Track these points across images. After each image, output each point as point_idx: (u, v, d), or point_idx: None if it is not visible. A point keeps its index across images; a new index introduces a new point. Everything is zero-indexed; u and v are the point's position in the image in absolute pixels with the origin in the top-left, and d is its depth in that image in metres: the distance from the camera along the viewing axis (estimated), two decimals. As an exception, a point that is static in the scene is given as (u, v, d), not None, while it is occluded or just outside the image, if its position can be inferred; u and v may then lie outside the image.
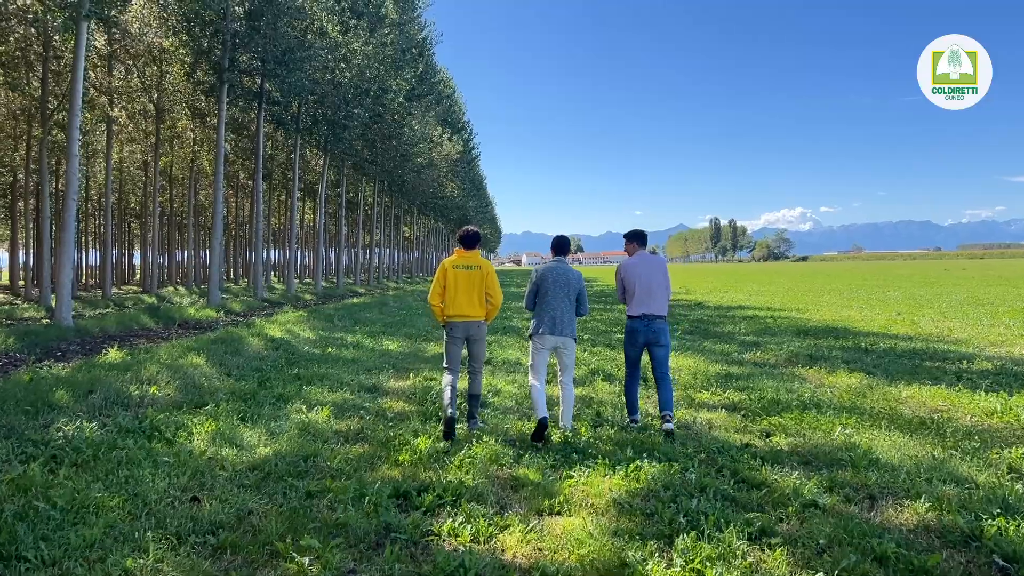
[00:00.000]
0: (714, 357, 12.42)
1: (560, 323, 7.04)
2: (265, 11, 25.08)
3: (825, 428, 7.20)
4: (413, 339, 15.56)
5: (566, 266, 7.27)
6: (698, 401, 8.74)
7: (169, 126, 37.66)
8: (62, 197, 47.56)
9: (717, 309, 24.15)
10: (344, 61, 32.31)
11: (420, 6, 46.36)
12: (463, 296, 7.14)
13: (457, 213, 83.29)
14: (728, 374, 10.59)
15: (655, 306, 7.42)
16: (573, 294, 7.15)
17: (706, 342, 14.65)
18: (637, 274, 7.44)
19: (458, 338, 7.25)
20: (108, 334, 16.80)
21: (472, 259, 7.24)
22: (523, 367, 11.33)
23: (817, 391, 9.22)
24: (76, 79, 16.34)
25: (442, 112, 58.93)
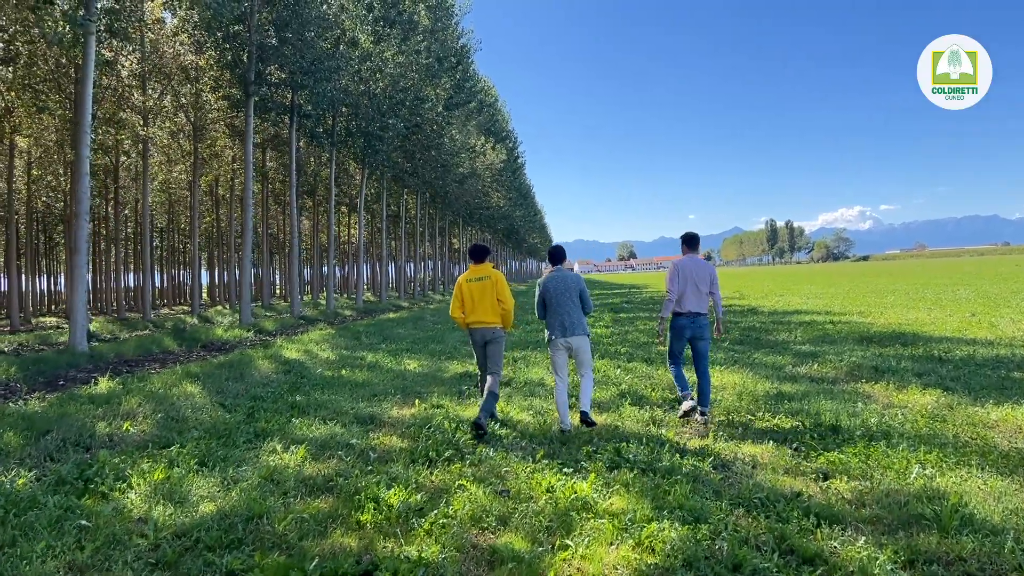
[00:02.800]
0: (764, 372, 11.00)
1: (570, 325, 7.68)
2: (291, 21, 24.44)
3: (898, 467, 5.82)
4: (436, 357, 14.46)
5: (564, 272, 7.89)
6: (742, 429, 7.40)
7: (208, 145, 37.50)
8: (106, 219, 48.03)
9: (771, 315, 22.52)
10: (377, 71, 31.61)
11: (457, 13, 45.63)
12: (479, 305, 7.94)
13: (504, 223, 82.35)
14: (779, 393, 9.20)
15: (701, 305, 8.06)
16: (576, 296, 7.77)
17: (756, 353, 13.21)
18: (689, 273, 8.07)
19: (478, 343, 8.07)
20: (124, 359, 16.10)
21: (483, 271, 8.01)
22: (546, 388, 10.14)
23: (885, 414, 7.79)
24: (84, 96, 15.72)
25: (484, 121, 58.14)
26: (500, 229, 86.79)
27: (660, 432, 7.25)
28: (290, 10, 24.31)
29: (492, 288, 7.88)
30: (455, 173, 46.67)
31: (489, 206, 65.65)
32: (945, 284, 39.36)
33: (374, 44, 30.94)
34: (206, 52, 25.61)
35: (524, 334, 18.88)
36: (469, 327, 8.04)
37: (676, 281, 8.08)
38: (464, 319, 8.02)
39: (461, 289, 8.01)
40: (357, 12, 28.98)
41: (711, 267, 8.27)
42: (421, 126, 37.99)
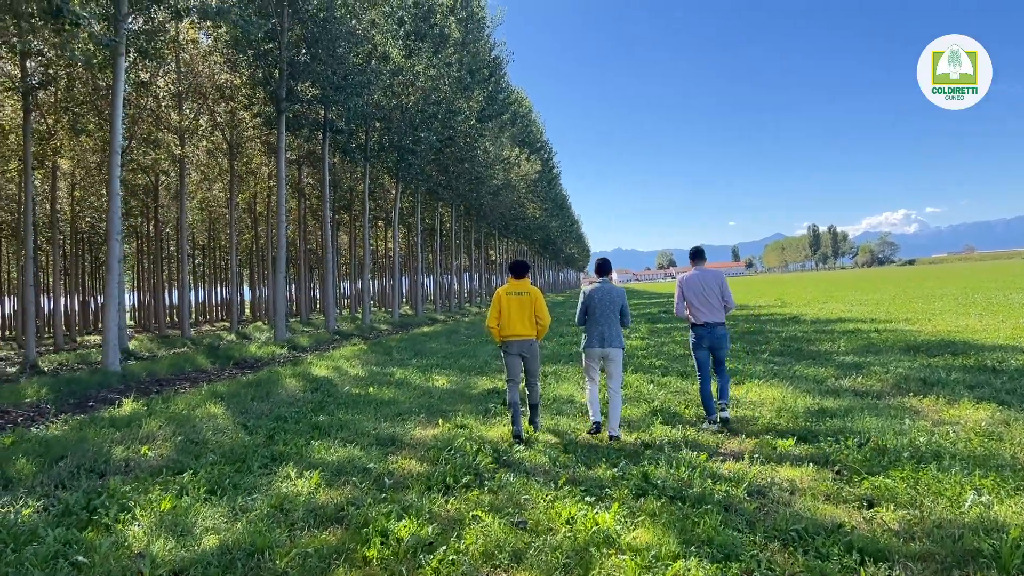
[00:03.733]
0: (805, 386, 10.50)
1: (608, 337, 7.99)
2: (321, 37, 24.51)
3: (950, 493, 5.36)
4: (466, 373, 14.17)
5: (610, 285, 8.19)
6: (780, 451, 6.96)
7: (244, 163, 37.87)
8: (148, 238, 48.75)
9: (814, 324, 21.84)
10: (409, 85, 31.62)
11: (489, 25, 45.62)
12: (516, 319, 8.12)
13: (540, 234, 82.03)
14: (821, 409, 8.72)
15: (715, 315, 8.40)
16: (617, 309, 8.07)
17: (797, 365, 12.68)
18: (695, 286, 8.44)
19: (514, 355, 8.17)
20: (156, 378, 16.11)
21: (522, 286, 8.23)
22: (575, 405, 9.80)
23: (935, 431, 7.29)
24: (115, 117, 15.83)
25: (518, 132, 58.00)
26: (536, 240, 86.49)
27: (692, 454, 6.84)
28: (320, 27, 24.38)
29: (531, 304, 8.16)
30: (489, 185, 46.51)
31: (525, 217, 65.39)
32: (996, 288, 38.05)
33: (405, 58, 30.95)
34: (240, 71, 25.79)
35: (558, 346, 18.54)
36: (505, 339, 8.21)
37: (681, 299, 8.61)
38: (499, 331, 8.23)
39: (500, 301, 8.21)
40: (388, 27, 29.05)
41: (720, 275, 8.55)
42: (454, 139, 37.91)
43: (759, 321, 24.14)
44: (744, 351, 15.35)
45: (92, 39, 14.25)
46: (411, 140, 32.53)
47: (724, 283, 8.48)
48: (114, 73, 15.87)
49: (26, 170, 22.13)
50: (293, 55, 24.46)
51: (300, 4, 23.62)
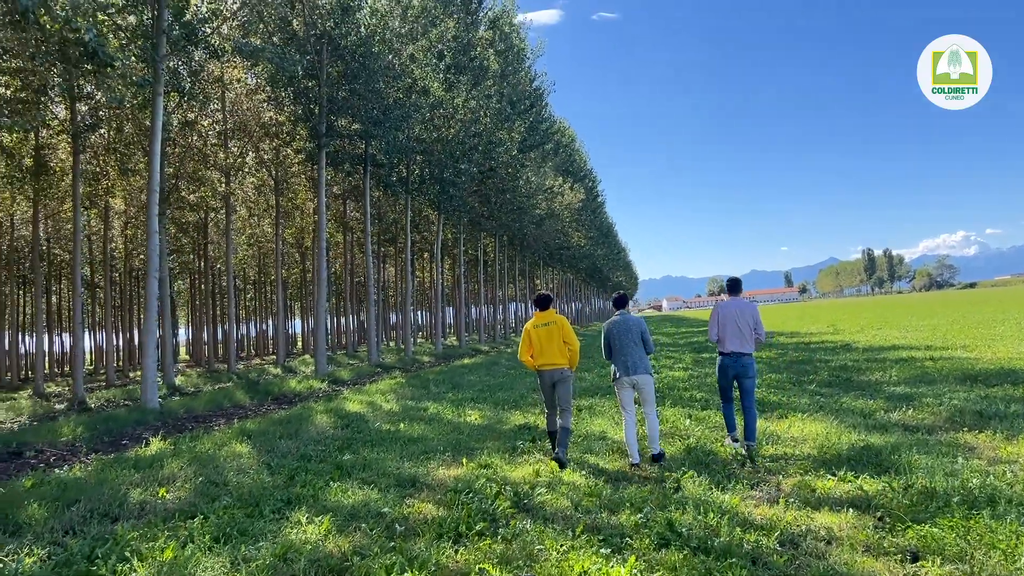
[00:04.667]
0: (851, 420, 9.94)
1: (632, 365, 8.26)
2: (360, 73, 24.77)
3: (1004, 545, 4.86)
4: (500, 407, 13.85)
5: (628, 316, 8.56)
6: (819, 494, 6.49)
7: (290, 198, 38.44)
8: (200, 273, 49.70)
9: (866, 352, 21.01)
10: (449, 117, 31.79)
11: (529, 57, 45.85)
12: (547, 349, 8.51)
13: (586, 262, 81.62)
14: (866, 446, 8.19)
15: (743, 344, 8.55)
16: (638, 338, 8.35)
17: (845, 397, 12.08)
18: (729, 316, 8.62)
19: (546, 383, 8.60)
20: (193, 415, 16.15)
21: (548, 317, 8.63)
22: (606, 442, 9.41)
23: (991, 472, 6.73)
24: (152, 156, 16.09)
25: (561, 162, 57.97)
26: (582, 268, 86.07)
27: (723, 498, 6.42)
28: (359, 63, 24.65)
29: (558, 332, 8.49)
30: (532, 215, 46.43)
31: (569, 246, 65.13)
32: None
33: (445, 91, 31.14)
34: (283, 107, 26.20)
35: (597, 378, 18.11)
36: (539, 369, 8.59)
37: (715, 325, 8.76)
38: (533, 362, 8.62)
39: (529, 335, 8.66)
40: (427, 61, 29.29)
41: (753, 307, 8.82)
42: (495, 170, 37.98)
43: (809, 349, 23.36)
44: (790, 382, 14.75)
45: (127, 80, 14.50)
46: (452, 172, 32.63)
47: (757, 316, 8.69)
48: (152, 113, 16.16)
49: (75, 210, 22.65)
50: (333, 91, 24.76)
51: (339, 41, 23.92)
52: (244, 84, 29.29)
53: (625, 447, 8.35)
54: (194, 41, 16.76)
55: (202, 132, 29.02)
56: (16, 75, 18.52)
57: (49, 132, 23.79)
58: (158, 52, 15.80)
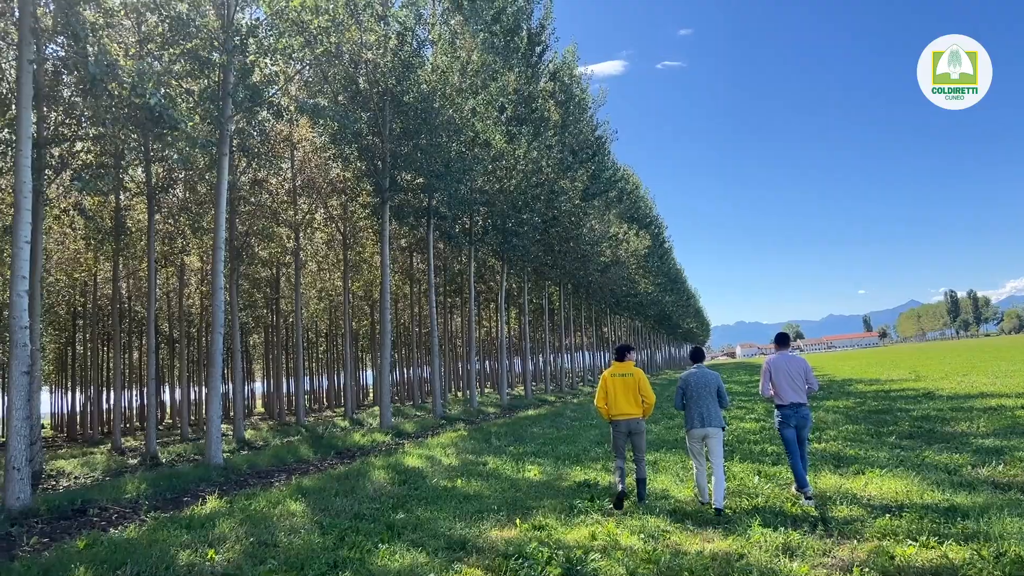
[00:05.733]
0: (935, 476, 9.24)
1: (707, 417, 8.57)
2: (421, 129, 25.13)
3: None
4: (561, 462, 13.45)
5: (705, 369, 8.90)
6: (898, 561, 5.92)
7: (357, 252, 39.09)
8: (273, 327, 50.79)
9: (951, 400, 19.83)
10: (510, 168, 31.98)
11: (591, 106, 46.08)
12: (622, 399, 8.85)
13: (654, 309, 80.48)
14: (951, 507, 7.53)
15: (800, 395, 8.81)
16: (714, 391, 8.70)
17: (928, 450, 11.29)
18: (781, 369, 8.93)
19: (622, 432, 8.89)
20: (256, 471, 16.17)
21: (626, 368, 9.04)
22: (669, 500, 8.95)
23: (1096, 538, 6.06)
24: (218, 214, 16.50)
25: (625, 209, 57.72)
26: (651, 316, 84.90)
27: (792, 566, 5.93)
28: (420, 118, 25.03)
29: (635, 384, 8.89)
30: (597, 262, 46.09)
31: (636, 293, 64.35)
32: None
33: (507, 143, 31.37)
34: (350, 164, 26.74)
35: (664, 430, 17.54)
36: (612, 418, 8.94)
37: (767, 381, 9.05)
38: (608, 410, 8.97)
39: (606, 383, 9.01)
40: (488, 113, 29.59)
41: (803, 361, 9.07)
42: (558, 218, 37.91)
43: (888, 398, 22.23)
44: (868, 434, 13.95)
45: (192, 141, 14.95)
46: (514, 222, 32.68)
47: (807, 368, 8.98)
48: (218, 173, 16.59)
49: (150, 269, 23.43)
50: (396, 146, 25.17)
51: (401, 98, 24.37)
52: (312, 142, 30.10)
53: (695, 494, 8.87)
54: (259, 102, 17.21)
55: (271, 190, 29.85)
56: (97, 141, 19.36)
57: (127, 194, 24.77)
58: (223, 114, 16.30)
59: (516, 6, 34.15)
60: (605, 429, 18.63)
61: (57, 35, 14.75)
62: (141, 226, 28.05)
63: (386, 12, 23.86)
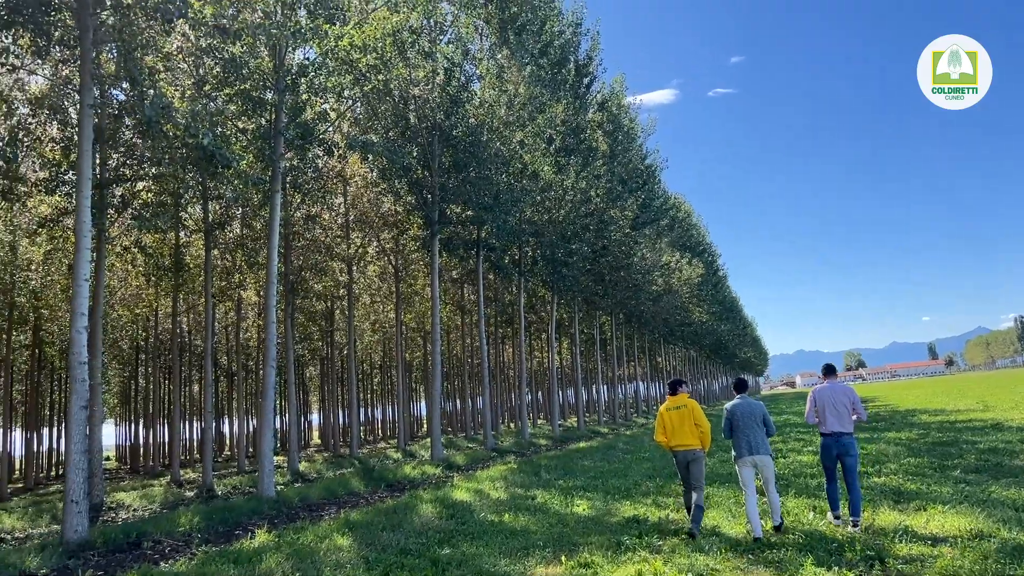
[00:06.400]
0: (1002, 513, 8.79)
1: (755, 445, 8.83)
2: (470, 162, 25.39)
3: None
4: (610, 496, 13.21)
5: (749, 400, 9.19)
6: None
7: (409, 283, 39.50)
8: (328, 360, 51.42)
9: (1020, 431, 18.98)
10: (559, 199, 32.04)
11: (640, 136, 46.04)
12: (679, 431, 9.24)
13: (710, 339, 79.32)
14: (1019, 546, 7.14)
15: (843, 425, 9.01)
16: (760, 420, 8.97)
17: (995, 486, 10.78)
18: (826, 398, 9.13)
19: (681, 463, 9.40)
20: (308, 503, 16.26)
21: (680, 401, 9.41)
22: (720, 538, 8.70)
23: None
24: (271, 249, 16.83)
25: (677, 237, 57.26)
26: (706, 345, 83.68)
27: (846, 609, 5.67)
28: (469, 152, 25.30)
29: (689, 415, 9.21)
30: (648, 291, 45.71)
31: (691, 322, 63.54)
32: None
33: (555, 174, 31.47)
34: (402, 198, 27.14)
35: (717, 464, 17.11)
36: (672, 449, 9.40)
37: (812, 410, 9.33)
38: (667, 442, 9.38)
39: (663, 417, 9.46)
40: (536, 145, 29.76)
41: (850, 390, 9.27)
42: (608, 248, 37.77)
43: (954, 429, 21.39)
44: (931, 467, 13.41)
45: (245, 179, 15.33)
46: (564, 252, 32.66)
47: (855, 397, 9.15)
48: (270, 208, 16.96)
49: (207, 304, 23.97)
50: (445, 180, 25.47)
51: (449, 132, 24.70)
52: (364, 177, 30.67)
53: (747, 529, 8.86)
54: (309, 140, 17.60)
55: (325, 225, 30.44)
56: (156, 180, 20.03)
57: (185, 231, 25.51)
58: (275, 152, 16.70)
59: (563, 39, 34.43)
60: (658, 463, 18.33)
61: (119, 81, 15.40)
62: (199, 262, 28.79)
63: (433, 49, 24.28)
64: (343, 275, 31.77)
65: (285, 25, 15.90)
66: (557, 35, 33.69)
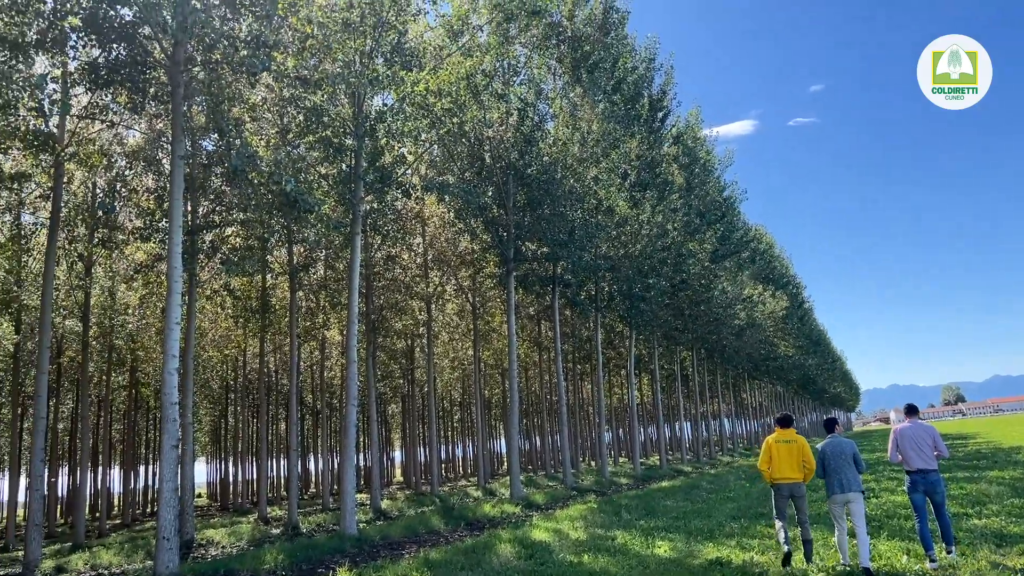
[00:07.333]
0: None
1: (846, 483, 9.11)
2: (544, 199, 25.56)
3: None
4: (692, 537, 12.85)
5: (839, 438, 9.50)
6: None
7: (486, 320, 39.78)
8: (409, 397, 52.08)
9: None
10: (635, 233, 31.88)
11: (717, 168, 45.56)
12: (785, 463, 9.43)
13: (797, 373, 76.88)
14: None
15: (927, 462, 9.26)
16: (850, 459, 9.22)
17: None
18: (908, 437, 9.45)
19: (784, 496, 9.53)
20: (389, 542, 16.38)
21: (789, 435, 9.63)
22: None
23: None
24: (352, 289, 17.24)
25: (759, 270, 56.10)
26: (793, 380, 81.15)
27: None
28: (543, 189, 25.49)
29: (798, 451, 9.46)
30: (730, 325, 44.79)
31: (776, 357, 61.81)
32: None
33: (630, 208, 31.36)
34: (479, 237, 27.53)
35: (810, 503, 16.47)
36: (775, 482, 9.53)
37: (895, 447, 9.60)
38: (770, 473, 9.55)
39: (770, 448, 9.60)
40: (611, 181, 29.77)
41: (932, 428, 9.51)
42: (687, 282, 37.27)
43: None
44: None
45: (326, 223, 15.83)
46: (641, 287, 32.35)
47: (936, 436, 9.41)
48: (351, 250, 17.42)
49: (292, 344, 24.66)
50: (520, 218, 25.71)
51: (523, 171, 24.97)
52: (441, 217, 31.23)
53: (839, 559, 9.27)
54: (388, 183, 18.07)
55: (404, 265, 31.08)
56: (244, 225, 20.90)
57: (271, 273, 26.44)
58: (355, 196, 17.21)
59: (636, 75, 34.52)
60: (742, 503, 17.77)
61: (208, 132, 16.22)
62: (284, 303, 29.77)
63: (507, 90, 24.70)
64: (422, 313, 32.28)
65: (363, 73, 16.49)
66: (630, 71, 33.81)
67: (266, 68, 13.28)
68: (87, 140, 18.39)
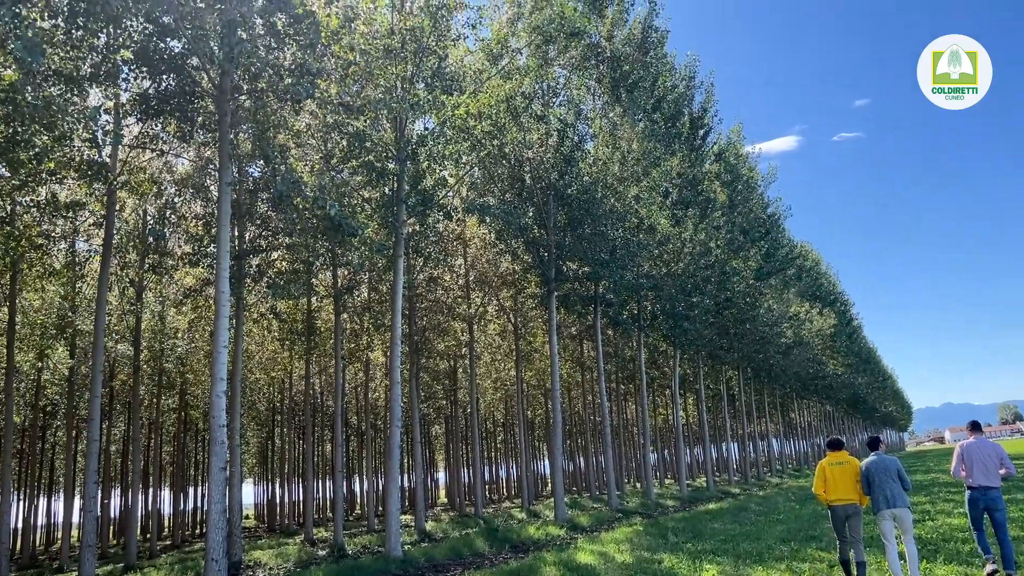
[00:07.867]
0: None
1: (892, 498, 9.21)
2: (584, 219, 25.55)
3: None
4: (741, 560, 12.60)
5: (883, 456, 9.55)
6: None
7: (528, 341, 39.75)
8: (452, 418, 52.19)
9: None
10: (677, 252, 31.66)
11: (760, 185, 45.11)
12: (840, 485, 9.57)
13: (846, 392, 75.25)
14: None
15: (990, 479, 9.39)
16: (895, 475, 9.33)
17: None
18: (974, 453, 9.53)
19: (839, 517, 9.63)
20: (433, 563, 16.36)
21: (841, 457, 9.82)
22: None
23: None
24: (395, 310, 17.39)
25: (805, 287, 55.22)
26: (843, 399, 79.46)
27: None
28: (583, 209, 25.48)
29: (852, 473, 9.59)
30: (777, 344, 44.07)
31: (825, 375, 60.61)
32: None
33: (672, 226, 31.18)
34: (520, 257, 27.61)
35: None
36: (831, 504, 9.70)
37: (958, 463, 9.70)
38: (826, 496, 9.68)
39: (824, 471, 9.77)
40: (652, 199, 29.66)
41: (998, 447, 9.63)
42: (732, 300, 36.84)
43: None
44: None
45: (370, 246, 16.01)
46: (684, 306, 32.06)
47: (1003, 453, 9.58)
48: (394, 273, 17.60)
49: (337, 365, 24.90)
50: (561, 238, 25.72)
51: (563, 191, 25.01)
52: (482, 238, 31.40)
53: None
54: (430, 206, 18.24)
55: (446, 286, 31.27)
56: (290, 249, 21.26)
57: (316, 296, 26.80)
58: (398, 219, 17.40)
59: (676, 93, 34.41)
60: (792, 525, 17.40)
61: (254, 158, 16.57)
62: (329, 326, 30.11)
63: (546, 111, 24.81)
64: (464, 334, 32.39)
65: (405, 99, 16.72)
66: (670, 90, 33.70)
67: (310, 95, 13.53)
68: (138, 169, 18.95)
